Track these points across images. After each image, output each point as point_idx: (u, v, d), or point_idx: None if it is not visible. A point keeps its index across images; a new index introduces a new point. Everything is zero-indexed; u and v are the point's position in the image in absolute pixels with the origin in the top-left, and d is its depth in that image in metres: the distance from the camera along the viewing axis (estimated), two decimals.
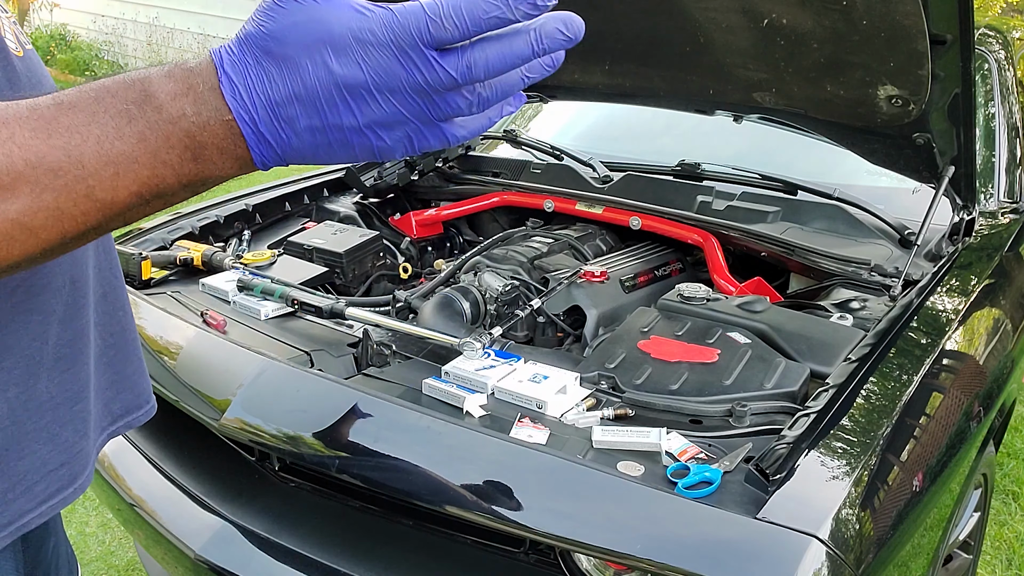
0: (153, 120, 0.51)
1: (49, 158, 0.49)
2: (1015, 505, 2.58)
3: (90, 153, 0.50)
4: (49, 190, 0.50)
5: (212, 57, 0.53)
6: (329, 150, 0.55)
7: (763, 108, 1.89)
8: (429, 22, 0.50)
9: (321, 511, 1.42)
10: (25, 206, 0.50)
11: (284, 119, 0.53)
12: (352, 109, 0.52)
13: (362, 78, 0.51)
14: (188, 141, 0.52)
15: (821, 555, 0.99)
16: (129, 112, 0.51)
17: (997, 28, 2.67)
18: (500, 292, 1.72)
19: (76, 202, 0.51)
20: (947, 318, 1.55)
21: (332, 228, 2.11)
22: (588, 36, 0.57)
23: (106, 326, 0.85)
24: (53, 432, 0.77)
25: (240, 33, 0.53)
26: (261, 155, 0.54)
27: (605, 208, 2.10)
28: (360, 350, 1.49)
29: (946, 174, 1.76)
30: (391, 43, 0.51)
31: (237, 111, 0.52)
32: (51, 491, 0.77)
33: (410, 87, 0.52)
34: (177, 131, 0.52)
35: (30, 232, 0.50)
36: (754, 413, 1.28)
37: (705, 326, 1.52)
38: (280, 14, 0.52)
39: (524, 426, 1.23)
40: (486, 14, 0.51)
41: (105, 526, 2.40)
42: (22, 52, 0.74)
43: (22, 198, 0.49)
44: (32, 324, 0.73)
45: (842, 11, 1.46)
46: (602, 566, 1.18)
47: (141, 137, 0.51)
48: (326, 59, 0.51)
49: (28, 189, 0.49)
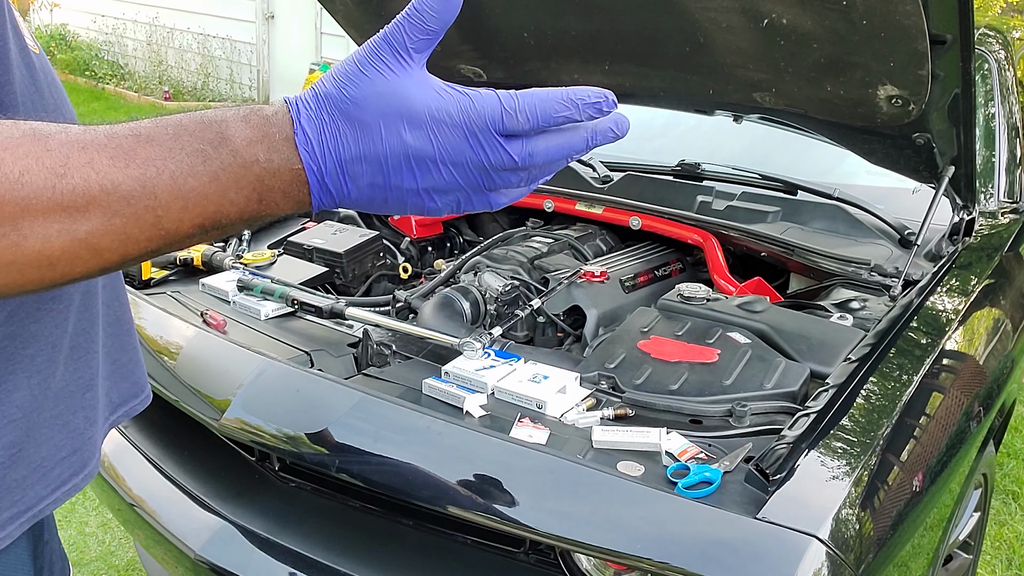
0: (227, 162, 0.55)
1: (124, 187, 0.52)
2: (1015, 505, 2.58)
3: (163, 187, 0.53)
4: (119, 216, 0.52)
5: (288, 108, 0.57)
6: (384, 204, 0.60)
7: (763, 108, 1.89)
8: (504, 114, 0.56)
9: (321, 511, 1.42)
10: (94, 228, 0.52)
11: (350, 175, 0.57)
12: (415, 175, 0.57)
13: (431, 152, 0.56)
14: (257, 184, 0.56)
15: (821, 555, 0.99)
16: (205, 152, 0.54)
17: (997, 28, 2.67)
18: (500, 292, 1.72)
19: (142, 229, 0.54)
20: (947, 318, 1.55)
21: (332, 228, 2.11)
22: (588, 36, 0.58)
23: (107, 316, 0.87)
24: (66, 419, 0.78)
25: (320, 90, 0.57)
26: (320, 201, 0.58)
27: (605, 208, 2.10)
28: (360, 350, 1.49)
29: (946, 174, 1.76)
30: (464, 125, 0.56)
31: (307, 163, 0.56)
32: (64, 477, 0.78)
33: (473, 165, 0.57)
34: (248, 175, 0.55)
35: (95, 252, 0.53)
36: (754, 413, 1.28)
37: (705, 326, 1.52)
38: (363, 82, 0.56)
39: (524, 426, 1.23)
40: (557, 113, 0.57)
41: (105, 526, 2.40)
42: (37, 51, 0.76)
43: (93, 221, 0.52)
44: (55, 312, 0.75)
45: (842, 11, 1.46)
46: (602, 566, 1.19)
47: (214, 177, 0.55)
48: (400, 130, 0.56)
49: (100, 213, 0.52)
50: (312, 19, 8.37)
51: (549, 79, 2.13)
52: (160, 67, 9.33)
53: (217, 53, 9.12)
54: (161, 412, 1.48)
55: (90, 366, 0.82)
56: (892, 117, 1.68)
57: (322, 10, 2.27)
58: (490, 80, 2.21)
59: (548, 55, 2.00)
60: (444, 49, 2.09)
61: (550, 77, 2.12)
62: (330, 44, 8.28)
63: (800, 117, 1.87)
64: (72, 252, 0.52)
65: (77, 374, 0.80)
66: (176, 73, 9.33)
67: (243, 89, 9.30)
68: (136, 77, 9.40)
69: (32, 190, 0.50)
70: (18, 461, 0.73)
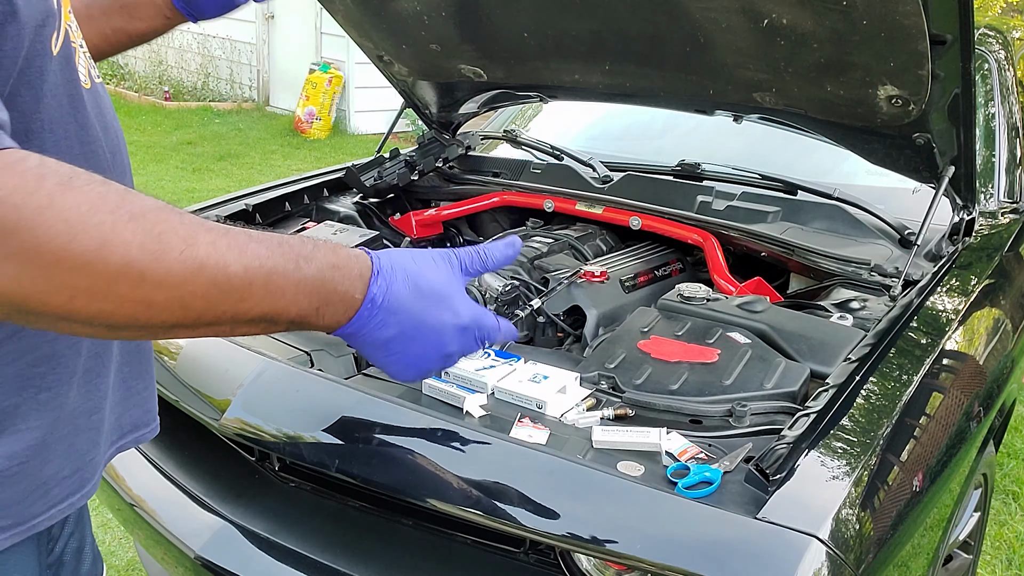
0: (310, 274, 0.72)
1: (231, 268, 0.66)
2: (1015, 505, 2.58)
3: (259, 278, 0.68)
4: (216, 287, 0.65)
5: (370, 258, 0.79)
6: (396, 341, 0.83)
7: (763, 108, 1.89)
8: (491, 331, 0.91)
9: (321, 511, 1.42)
10: (195, 291, 0.64)
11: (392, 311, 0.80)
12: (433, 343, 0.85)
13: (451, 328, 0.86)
14: (323, 298, 0.74)
15: (821, 555, 0.99)
16: (297, 262, 0.72)
17: (997, 28, 2.67)
18: (500, 292, 1.72)
19: (226, 302, 0.67)
20: (947, 318, 1.55)
21: (332, 228, 2.11)
22: (588, 36, 0.58)
23: (124, 342, 0.90)
24: (71, 441, 0.81)
25: (404, 262, 0.82)
26: (354, 323, 0.79)
27: (605, 208, 2.10)
28: None
29: (946, 174, 1.76)
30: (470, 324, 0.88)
31: (371, 295, 0.78)
32: (62, 496, 0.81)
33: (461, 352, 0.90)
34: (321, 289, 0.74)
35: (184, 309, 0.65)
36: (754, 413, 1.28)
37: (705, 326, 1.52)
38: (430, 267, 0.84)
39: (524, 426, 1.23)
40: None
41: (105, 526, 2.40)
42: (90, 85, 0.80)
43: (196, 284, 0.64)
44: (67, 335, 0.77)
45: (842, 11, 1.46)
46: (602, 566, 1.18)
47: (297, 282, 0.71)
48: (443, 314, 0.84)
49: (204, 280, 0.64)
50: (312, 19, 8.37)
51: (549, 79, 2.13)
52: (160, 67, 9.34)
53: (217, 53, 9.13)
54: (161, 412, 1.48)
55: (99, 390, 0.85)
56: (892, 117, 1.68)
57: (322, 10, 2.27)
58: (490, 80, 2.21)
59: (548, 55, 2.00)
60: (444, 49, 2.09)
61: (550, 77, 2.12)
62: (330, 44, 8.28)
63: (800, 117, 1.87)
64: (170, 303, 0.63)
65: (87, 397, 0.83)
66: (176, 73, 9.34)
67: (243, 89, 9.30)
68: (136, 77, 9.41)
69: (168, 246, 0.62)
70: (22, 478, 0.76)
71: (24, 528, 0.77)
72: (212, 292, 0.65)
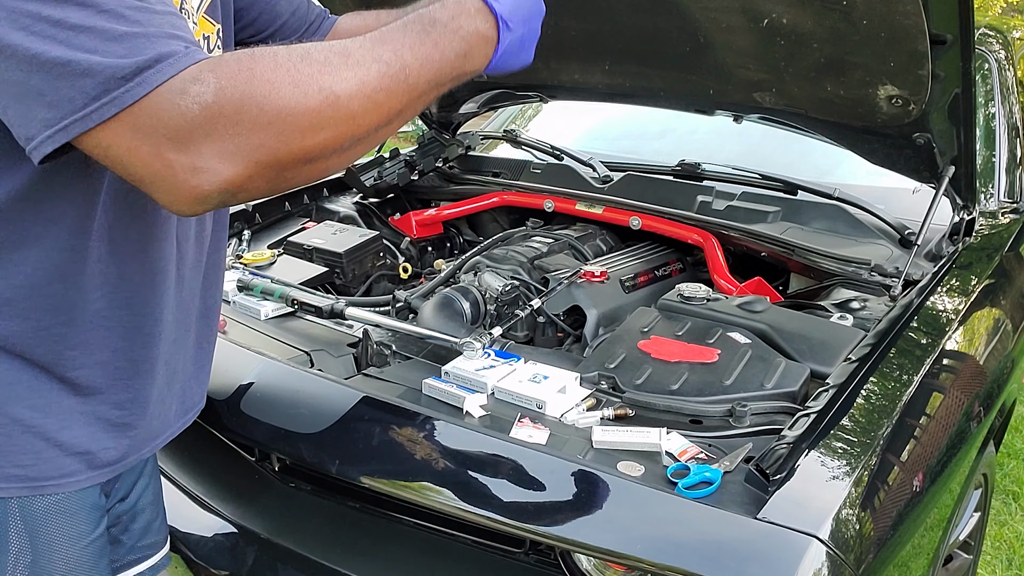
0: (441, 33, 0.83)
1: (384, 56, 0.79)
2: (1015, 505, 2.58)
3: (408, 54, 0.80)
4: (386, 77, 0.78)
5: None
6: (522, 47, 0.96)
7: (763, 108, 1.89)
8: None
9: (321, 511, 1.42)
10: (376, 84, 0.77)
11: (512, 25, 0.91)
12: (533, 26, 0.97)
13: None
14: (462, 45, 0.85)
15: (821, 555, 0.99)
16: (425, 30, 0.83)
17: (997, 28, 2.67)
18: (500, 292, 1.72)
19: (398, 84, 0.79)
20: (947, 318, 1.55)
21: (332, 228, 2.11)
22: (588, 36, 0.58)
23: (200, 329, 1.13)
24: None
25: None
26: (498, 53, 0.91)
27: (605, 208, 2.10)
28: (360, 350, 1.48)
29: (946, 174, 1.76)
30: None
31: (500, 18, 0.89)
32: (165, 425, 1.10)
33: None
34: (456, 38, 0.84)
35: (375, 105, 0.78)
36: (754, 413, 1.27)
37: (705, 326, 1.52)
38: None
39: (524, 426, 1.23)
40: None
41: None
42: None
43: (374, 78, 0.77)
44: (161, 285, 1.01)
45: (842, 11, 1.46)
46: (602, 566, 1.18)
47: (434, 44, 0.82)
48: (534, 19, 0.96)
49: (377, 69, 0.77)
50: None
51: (549, 79, 2.13)
52: None
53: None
54: None
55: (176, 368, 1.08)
56: (892, 117, 1.68)
57: None
58: (490, 80, 2.21)
59: (548, 55, 1.99)
60: None
61: (550, 77, 2.12)
62: None
63: (800, 117, 1.87)
64: (390, 102, 0.79)
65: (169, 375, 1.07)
66: None
67: None
68: None
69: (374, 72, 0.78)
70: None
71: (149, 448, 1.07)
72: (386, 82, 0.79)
